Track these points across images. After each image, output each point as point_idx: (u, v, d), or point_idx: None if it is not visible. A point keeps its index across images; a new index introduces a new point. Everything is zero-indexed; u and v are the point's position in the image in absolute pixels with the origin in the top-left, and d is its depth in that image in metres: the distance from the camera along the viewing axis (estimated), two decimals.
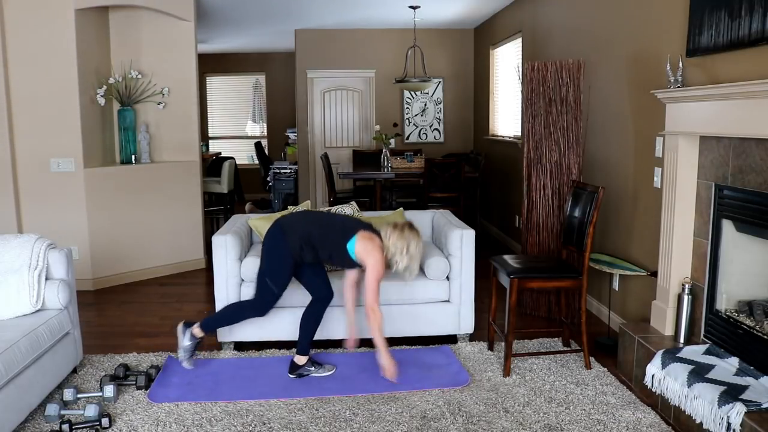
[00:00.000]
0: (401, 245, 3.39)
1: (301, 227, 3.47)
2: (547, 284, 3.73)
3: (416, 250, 3.43)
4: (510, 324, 3.58)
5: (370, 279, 3.37)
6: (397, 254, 3.40)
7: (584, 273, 3.67)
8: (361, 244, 3.38)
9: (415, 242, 3.43)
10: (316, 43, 8.89)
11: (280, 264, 3.45)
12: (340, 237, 3.41)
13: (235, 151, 11.29)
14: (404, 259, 3.41)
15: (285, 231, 3.45)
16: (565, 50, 5.29)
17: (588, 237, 3.66)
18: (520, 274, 3.61)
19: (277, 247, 3.44)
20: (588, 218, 3.69)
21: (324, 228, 3.50)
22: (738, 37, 2.97)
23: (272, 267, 3.47)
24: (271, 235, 3.48)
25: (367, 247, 3.38)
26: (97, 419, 3.01)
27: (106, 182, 5.53)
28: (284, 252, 3.42)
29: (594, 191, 3.69)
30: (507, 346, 3.59)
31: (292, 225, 3.48)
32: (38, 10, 5.14)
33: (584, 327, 3.70)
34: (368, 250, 3.37)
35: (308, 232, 3.45)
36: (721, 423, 2.61)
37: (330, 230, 3.48)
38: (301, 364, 3.60)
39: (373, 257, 3.36)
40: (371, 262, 3.36)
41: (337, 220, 3.59)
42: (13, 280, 3.30)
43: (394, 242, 3.40)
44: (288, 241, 3.41)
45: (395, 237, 3.40)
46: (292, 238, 3.42)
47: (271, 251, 3.46)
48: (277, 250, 3.44)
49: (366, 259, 3.37)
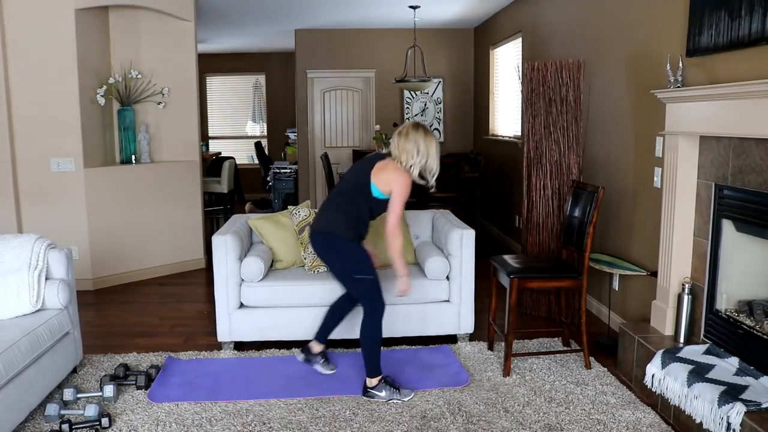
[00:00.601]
0: (410, 147, 3.25)
1: (336, 215, 3.33)
2: (547, 284, 3.73)
3: (427, 146, 3.27)
4: (510, 324, 3.58)
5: (396, 200, 3.24)
6: (409, 158, 3.25)
7: (584, 273, 3.66)
8: (379, 179, 3.26)
9: (424, 139, 3.27)
10: (316, 43, 8.89)
11: (356, 254, 3.32)
12: (364, 193, 3.29)
13: (235, 150, 11.29)
14: (418, 160, 3.25)
15: (331, 231, 3.32)
16: (565, 50, 5.28)
17: (588, 237, 3.66)
18: (520, 274, 3.61)
19: (335, 245, 3.31)
20: (588, 218, 3.69)
21: (348, 197, 3.36)
22: (738, 37, 2.97)
23: (352, 261, 3.32)
24: (323, 241, 3.35)
25: (384, 177, 3.26)
26: (97, 419, 3.01)
27: (106, 182, 5.53)
28: (345, 243, 3.30)
29: (594, 191, 3.69)
30: (507, 345, 3.59)
31: (327, 221, 3.35)
32: (38, 10, 5.13)
33: (584, 327, 3.70)
34: (387, 179, 3.25)
35: (343, 212, 3.32)
36: (721, 423, 2.61)
37: (354, 195, 3.34)
38: (315, 353, 3.58)
39: (397, 182, 3.24)
40: (395, 185, 3.23)
41: (352, 182, 3.40)
42: (13, 280, 3.29)
43: (402, 147, 3.27)
44: (342, 236, 3.29)
45: (402, 142, 3.27)
46: (341, 230, 3.29)
47: (339, 253, 3.33)
48: (342, 247, 3.31)
49: (391, 185, 3.24)
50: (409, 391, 3.34)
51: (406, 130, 3.31)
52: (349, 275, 3.34)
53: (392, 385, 3.33)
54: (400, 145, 3.28)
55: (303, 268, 4.19)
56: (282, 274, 4.08)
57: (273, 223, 4.26)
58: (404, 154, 3.27)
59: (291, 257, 4.20)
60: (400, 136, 3.30)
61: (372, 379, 3.32)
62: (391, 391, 3.30)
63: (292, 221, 4.26)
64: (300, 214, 4.26)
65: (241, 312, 3.92)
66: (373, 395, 3.30)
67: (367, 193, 3.29)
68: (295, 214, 4.27)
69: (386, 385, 3.31)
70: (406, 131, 3.30)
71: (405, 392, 3.32)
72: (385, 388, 3.30)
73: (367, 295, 3.33)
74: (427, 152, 3.28)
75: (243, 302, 3.93)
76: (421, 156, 3.27)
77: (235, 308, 3.92)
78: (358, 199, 3.32)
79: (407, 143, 3.27)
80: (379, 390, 3.30)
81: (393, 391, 3.30)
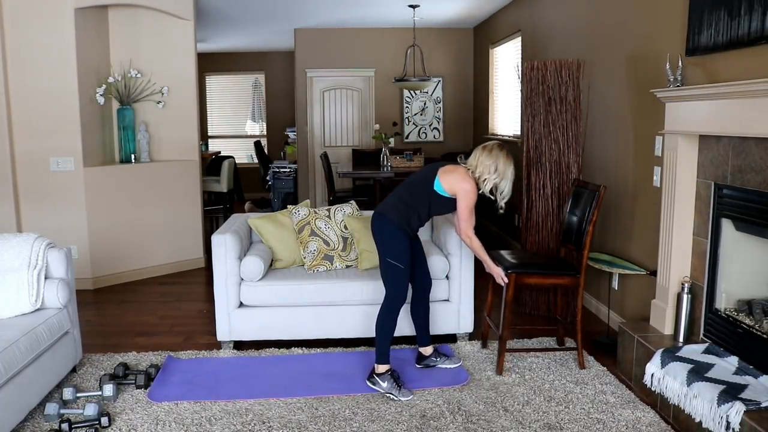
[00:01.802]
0: (489, 163, 3.38)
1: (393, 200, 3.49)
2: (545, 281, 3.73)
3: (505, 167, 3.41)
4: (505, 319, 3.57)
5: (462, 207, 3.39)
6: (485, 172, 3.39)
7: (582, 271, 3.66)
8: (446, 178, 3.39)
9: (504, 160, 3.40)
10: (315, 43, 8.88)
11: (396, 240, 3.42)
12: (426, 185, 3.42)
13: (235, 150, 11.28)
14: (492, 177, 3.39)
15: (384, 213, 3.46)
16: (564, 49, 5.28)
17: (588, 236, 3.66)
18: (518, 269, 3.61)
19: (384, 227, 3.44)
20: (588, 217, 3.69)
21: (409, 187, 3.51)
22: (737, 37, 2.96)
23: (390, 245, 3.43)
24: (376, 222, 3.49)
25: (451, 177, 3.39)
26: (96, 418, 3.01)
27: (105, 181, 5.53)
28: (393, 229, 3.41)
29: (595, 190, 3.69)
30: (501, 342, 3.58)
31: (386, 204, 3.50)
32: (37, 10, 5.13)
33: (579, 326, 3.69)
34: (453, 179, 3.38)
35: (399, 198, 3.47)
36: (720, 422, 2.61)
37: (415, 186, 3.49)
38: (428, 355, 3.70)
39: (461, 185, 3.37)
40: (460, 190, 3.37)
41: (419, 175, 3.58)
42: (12, 280, 3.29)
43: (481, 161, 3.40)
44: (391, 219, 3.42)
45: (483, 156, 3.41)
46: (392, 214, 3.43)
47: (383, 234, 3.45)
48: (388, 229, 3.43)
49: (455, 188, 3.38)
50: (409, 392, 3.35)
51: (491, 146, 3.46)
52: (384, 257, 3.43)
53: (396, 380, 3.37)
54: (481, 158, 3.42)
55: (302, 267, 4.19)
56: (281, 273, 4.08)
57: (272, 223, 4.26)
58: (481, 167, 3.41)
59: (290, 257, 4.20)
60: (483, 150, 3.44)
61: (380, 366, 3.40)
62: (392, 385, 3.34)
63: (292, 220, 4.26)
64: (299, 214, 4.26)
65: (241, 311, 3.92)
66: (375, 382, 3.37)
67: (430, 186, 3.41)
68: (294, 214, 4.27)
69: (390, 378, 3.37)
70: (491, 148, 3.45)
71: (404, 392, 3.34)
72: (388, 380, 3.36)
73: (391, 281, 3.43)
74: (504, 174, 3.43)
75: (242, 301, 3.93)
76: (497, 175, 3.42)
77: (234, 308, 3.92)
78: (419, 191, 3.45)
79: (488, 158, 3.41)
80: (383, 380, 3.36)
81: (393, 386, 3.34)
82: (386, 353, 3.41)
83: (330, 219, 4.28)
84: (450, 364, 3.68)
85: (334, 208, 4.37)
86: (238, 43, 10.31)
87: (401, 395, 3.31)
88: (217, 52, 11.05)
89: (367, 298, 3.93)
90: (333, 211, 4.34)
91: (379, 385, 3.35)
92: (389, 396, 3.32)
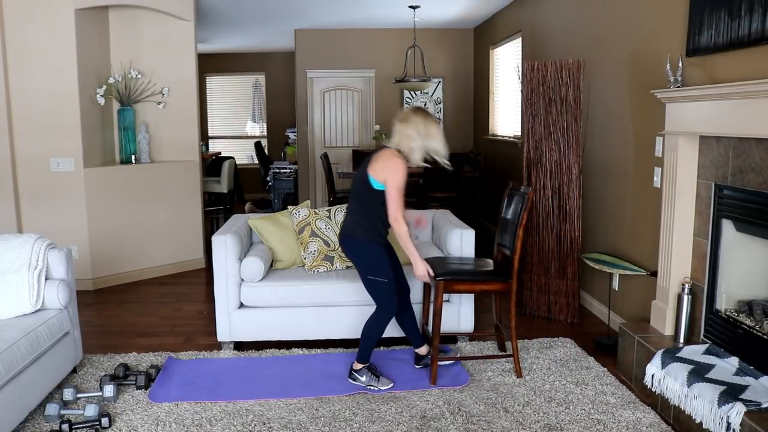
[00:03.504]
0: (410, 132, 3.22)
1: (351, 218, 3.40)
2: (475, 287, 3.57)
3: (426, 127, 3.23)
4: (435, 327, 3.45)
5: (390, 188, 3.20)
6: (410, 142, 3.22)
7: (514, 275, 3.50)
8: (374, 169, 3.24)
9: (423, 120, 3.23)
10: (316, 43, 8.89)
11: (370, 255, 3.36)
12: (366, 187, 3.29)
13: (235, 150, 11.30)
14: (418, 144, 3.22)
15: (350, 235, 3.38)
16: (565, 50, 5.28)
17: (518, 239, 3.50)
18: (447, 275, 3.47)
19: (356, 248, 3.37)
20: (518, 220, 3.52)
21: (356, 197, 3.38)
22: (738, 37, 2.97)
23: (368, 263, 3.37)
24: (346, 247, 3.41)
25: (378, 166, 3.23)
26: (96, 419, 3.01)
27: (106, 182, 5.53)
28: (365, 246, 3.35)
29: (525, 193, 3.53)
30: (433, 349, 3.48)
31: (347, 225, 3.41)
32: (38, 10, 5.14)
33: (514, 332, 3.58)
34: (380, 167, 3.22)
35: (355, 213, 3.38)
36: (720, 423, 2.61)
37: (359, 193, 3.36)
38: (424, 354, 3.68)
39: (386, 165, 3.21)
40: (387, 171, 3.19)
41: (357, 179, 3.40)
42: (12, 280, 3.29)
43: (402, 133, 3.24)
44: (359, 237, 3.35)
45: (401, 126, 3.25)
46: (358, 232, 3.35)
47: (356, 254, 3.39)
48: (359, 248, 3.37)
49: (384, 173, 3.21)
50: (388, 380, 3.44)
51: (405, 114, 3.31)
52: (365, 276, 3.40)
53: (374, 372, 3.46)
54: (400, 130, 3.28)
55: (303, 268, 4.19)
56: (282, 274, 4.08)
57: (273, 223, 4.26)
58: (404, 139, 3.25)
59: (291, 257, 4.20)
60: (400, 122, 3.28)
61: (358, 363, 3.47)
62: (370, 378, 3.43)
63: (292, 221, 4.26)
64: (300, 214, 4.26)
65: (241, 312, 3.92)
66: (356, 378, 3.45)
67: (369, 187, 3.29)
68: (294, 214, 4.27)
69: (368, 371, 3.45)
70: (405, 116, 3.30)
71: (384, 381, 3.43)
72: (367, 374, 3.44)
73: (379, 297, 3.41)
74: (427, 134, 3.25)
75: (243, 302, 3.93)
76: (422, 139, 3.24)
77: (234, 308, 3.92)
78: (365, 196, 3.33)
79: (407, 127, 3.25)
80: (361, 374, 3.44)
81: (372, 378, 3.43)
82: (368, 354, 3.46)
83: (330, 219, 4.28)
84: (446, 361, 3.68)
85: (334, 209, 4.37)
86: (239, 44, 10.31)
87: (381, 384, 3.41)
88: (218, 53, 11.06)
89: (368, 298, 3.92)
90: (333, 211, 4.34)
91: (358, 380, 3.44)
92: (370, 388, 3.40)
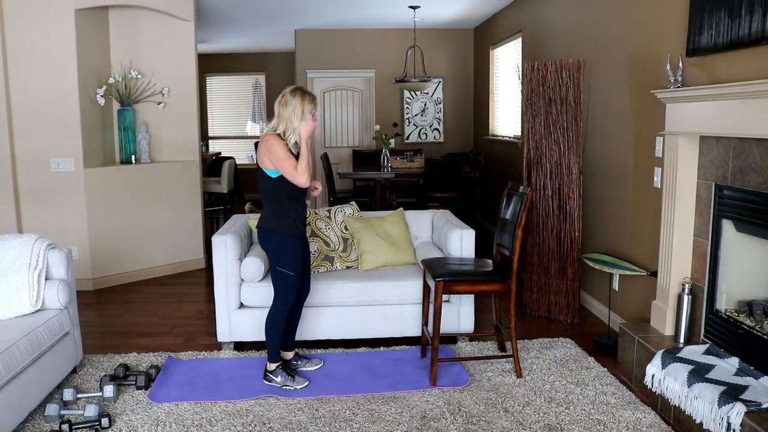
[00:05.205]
0: (290, 114, 3.22)
1: (264, 211, 3.40)
2: (474, 288, 3.58)
3: (302, 105, 3.22)
4: (435, 327, 3.46)
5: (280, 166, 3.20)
6: (293, 122, 3.23)
7: (513, 276, 3.52)
8: (261, 158, 3.26)
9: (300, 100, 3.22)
10: (316, 43, 8.89)
11: (284, 247, 3.36)
12: (265, 179, 3.30)
13: (235, 150, 11.29)
14: (286, 112, 3.22)
15: (264, 227, 3.38)
16: (565, 50, 5.28)
17: (517, 240, 3.51)
18: (446, 277, 3.48)
19: (269, 240, 3.38)
20: (517, 221, 3.53)
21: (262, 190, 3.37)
22: (738, 37, 2.97)
23: (279, 254, 3.37)
24: (261, 238, 3.43)
25: (260, 159, 3.26)
26: (96, 419, 3.01)
27: (106, 182, 5.53)
28: (278, 239, 3.35)
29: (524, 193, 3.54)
30: (433, 350, 3.48)
31: (262, 219, 3.40)
32: (38, 10, 5.14)
33: (514, 332, 3.59)
34: (262, 154, 3.24)
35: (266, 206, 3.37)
36: (721, 423, 2.61)
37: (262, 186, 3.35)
38: (289, 359, 3.68)
39: (265, 153, 3.22)
40: (268, 154, 3.21)
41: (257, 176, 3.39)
42: (12, 280, 3.29)
43: (282, 116, 3.24)
44: (273, 229, 3.34)
45: (281, 109, 3.24)
46: (272, 224, 3.34)
47: (270, 246, 3.39)
48: (273, 241, 3.37)
49: (270, 160, 3.22)
50: (303, 379, 3.48)
51: (284, 98, 3.26)
52: (274, 266, 3.41)
53: (289, 372, 3.48)
54: (280, 113, 3.26)
55: None
56: None
57: None
58: (284, 123, 3.25)
59: None
60: (280, 106, 3.25)
61: (271, 364, 3.48)
62: (285, 377, 3.45)
63: None
64: None
65: (241, 312, 3.92)
66: (270, 379, 3.47)
67: (266, 177, 3.30)
68: None
69: (283, 371, 3.47)
70: (285, 100, 3.25)
71: (299, 380, 3.46)
72: (282, 374, 3.46)
73: (280, 288, 3.42)
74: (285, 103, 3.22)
75: (243, 302, 3.93)
76: (290, 110, 3.21)
77: (235, 308, 3.92)
78: (268, 188, 3.33)
79: (286, 110, 3.24)
80: (276, 375, 3.46)
81: (287, 378, 3.45)
82: (277, 352, 3.48)
83: (330, 220, 4.28)
84: (311, 367, 3.68)
85: (334, 209, 4.37)
86: (239, 44, 10.31)
87: (296, 383, 3.44)
88: (218, 53, 11.06)
89: (368, 299, 3.93)
90: (333, 212, 4.34)
91: (274, 381, 3.45)
92: (286, 388, 3.41)
